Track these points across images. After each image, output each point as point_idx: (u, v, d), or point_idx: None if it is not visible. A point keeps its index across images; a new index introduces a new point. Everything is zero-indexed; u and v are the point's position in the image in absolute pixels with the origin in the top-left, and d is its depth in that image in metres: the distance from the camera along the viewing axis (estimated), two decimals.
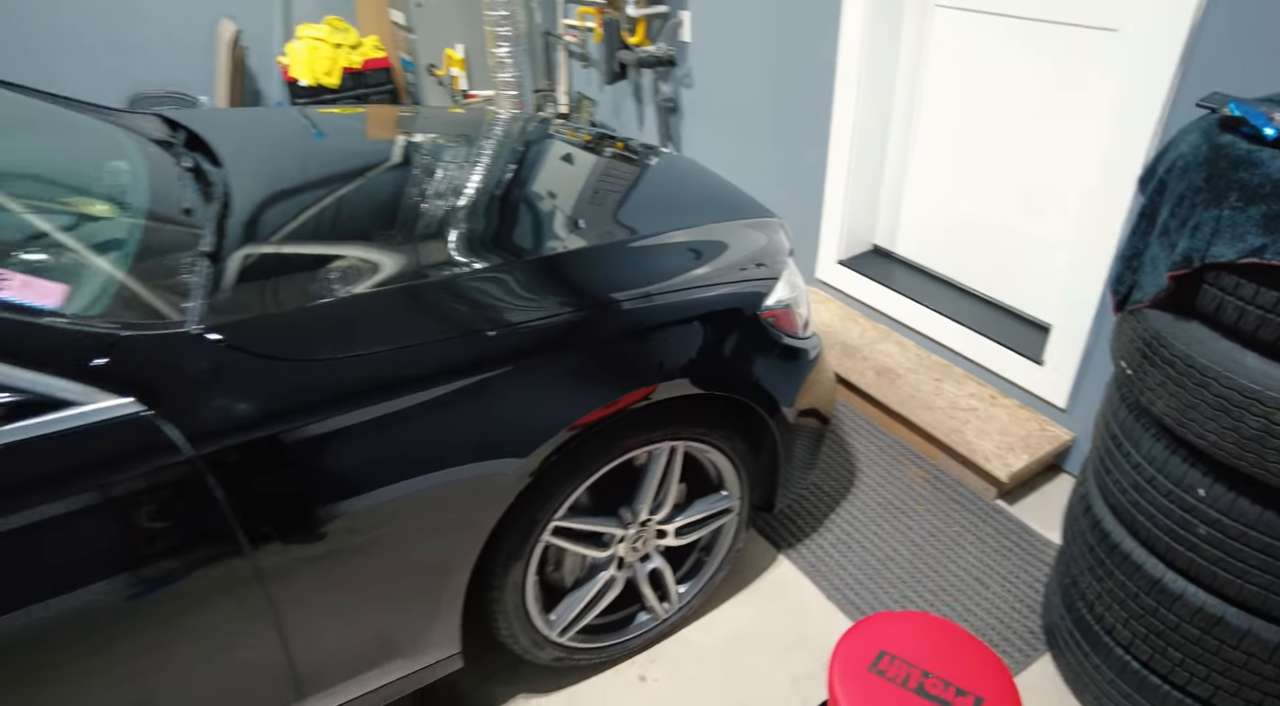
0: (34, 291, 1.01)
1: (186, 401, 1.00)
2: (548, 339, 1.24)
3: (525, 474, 1.24)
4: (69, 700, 1.01)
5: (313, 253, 1.29)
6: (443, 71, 3.92)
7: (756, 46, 2.70)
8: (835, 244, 2.63)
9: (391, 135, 1.87)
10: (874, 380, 2.30)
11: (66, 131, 1.61)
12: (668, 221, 1.56)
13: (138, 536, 0.98)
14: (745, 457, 1.57)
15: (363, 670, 1.27)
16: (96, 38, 3.70)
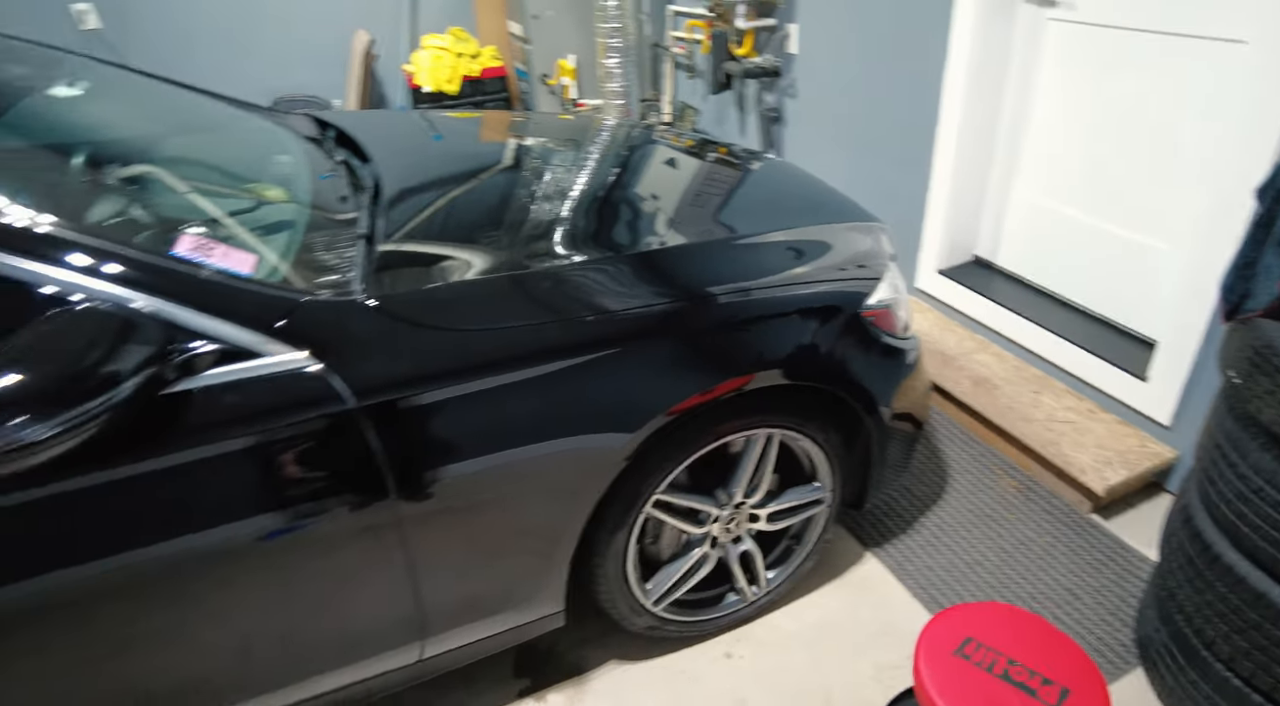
0: (233, 259, 1.19)
1: (351, 359, 1.15)
2: (653, 326, 1.34)
3: (630, 449, 1.34)
4: (234, 614, 1.17)
5: (449, 238, 1.44)
6: (554, 80, 4.12)
7: (863, 58, 2.75)
8: (936, 253, 2.64)
9: (511, 138, 2.03)
10: (970, 389, 2.31)
11: (239, 128, 1.83)
12: (768, 222, 1.64)
13: (304, 473, 1.13)
14: (839, 452, 1.63)
15: (479, 617, 1.40)
16: (243, 46, 4.07)
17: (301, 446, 1.12)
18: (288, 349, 1.12)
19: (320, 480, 1.14)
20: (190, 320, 1.06)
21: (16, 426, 0.89)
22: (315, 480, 1.14)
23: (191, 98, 1.89)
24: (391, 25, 4.30)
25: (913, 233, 2.73)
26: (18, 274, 0.99)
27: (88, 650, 1.09)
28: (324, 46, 4.21)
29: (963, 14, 2.28)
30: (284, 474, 1.12)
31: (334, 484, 1.15)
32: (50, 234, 1.01)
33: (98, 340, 0.96)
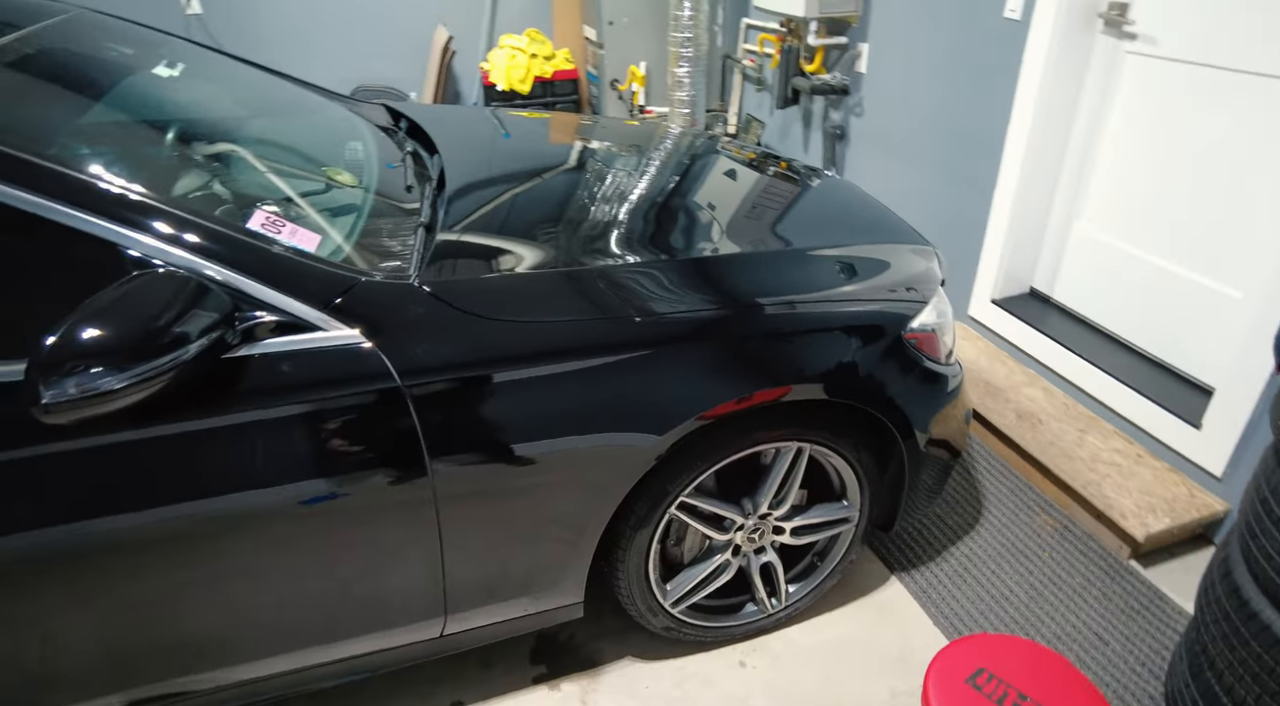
0: (300, 237, 1.26)
1: (400, 339, 1.20)
2: (694, 330, 1.37)
3: (661, 449, 1.37)
4: (271, 572, 1.23)
5: (505, 232, 1.49)
6: (625, 86, 4.18)
7: (932, 80, 2.73)
8: (991, 282, 2.60)
9: (575, 140, 2.08)
10: (1014, 423, 2.27)
11: (317, 113, 1.92)
12: (821, 238, 1.65)
13: (347, 444, 1.19)
14: (870, 472, 1.63)
15: (501, 599, 1.44)
16: (331, 34, 4.23)
17: (347, 418, 1.18)
18: (342, 325, 1.18)
19: (362, 452, 1.20)
20: (255, 291, 1.14)
21: (94, 375, 0.97)
22: (357, 451, 1.20)
23: (275, 82, 1.99)
24: (472, 23, 4.42)
25: (969, 259, 2.70)
26: (107, 235, 1.07)
27: (134, 592, 1.16)
28: (407, 40, 4.35)
29: (1036, 42, 2.26)
30: (328, 443, 1.18)
31: (375, 457, 1.21)
32: (137, 201, 1.10)
33: (172, 303, 1.04)
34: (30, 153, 1.06)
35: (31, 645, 1.15)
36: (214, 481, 1.14)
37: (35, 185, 1.04)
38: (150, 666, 1.25)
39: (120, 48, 1.60)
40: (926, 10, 2.70)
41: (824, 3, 2.98)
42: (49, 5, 1.73)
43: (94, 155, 1.15)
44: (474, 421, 1.25)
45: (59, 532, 1.08)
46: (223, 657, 1.30)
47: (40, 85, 1.29)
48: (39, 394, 0.93)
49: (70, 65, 1.40)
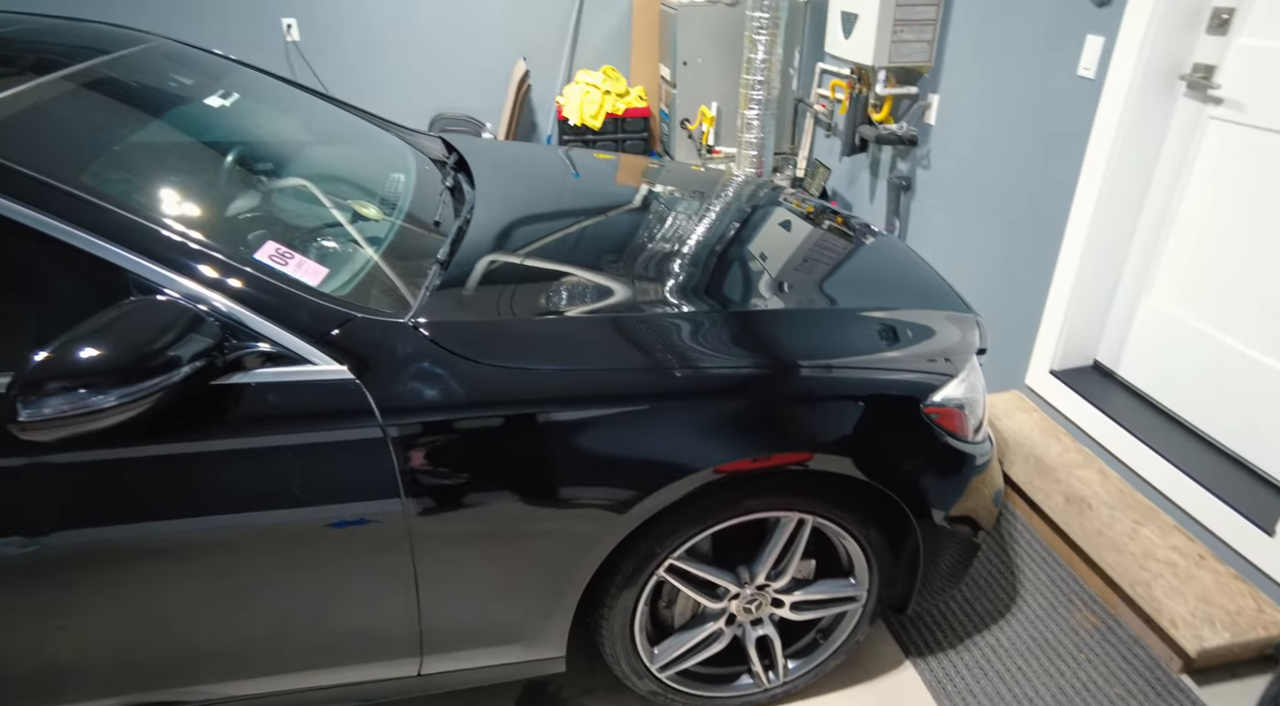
0: (305, 270, 1.28)
1: (386, 377, 1.20)
2: (719, 386, 1.32)
3: (652, 507, 1.32)
4: (245, 596, 1.24)
5: (523, 274, 1.48)
6: (694, 126, 4.19)
7: (1000, 137, 2.62)
8: (1050, 351, 2.45)
9: (628, 184, 2.07)
10: (1061, 506, 2.11)
11: (368, 143, 1.99)
12: (867, 299, 1.59)
13: (325, 477, 1.19)
14: (880, 550, 1.54)
15: (478, 645, 1.41)
16: (416, 63, 4.42)
17: (327, 452, 1.19)
18: (331, 360, 1.19)
19: (339, 486, 1.20)
20: (249, 320, 1.16)
21: (86, 393, 1.00)
22: (335, 486, 1.20)
23: (330, 112, 2.07)
24: (552, 58, 4.54)
25: (1028, 325, 2.55)
26: (109, 257, 1.11)
27: (101, 603, 1.19)
28: (489, 71, 4.50)
29: (1110, 102, 2.13)
30: (307, 475, 1.19)
31: (351, 492, 1.20)
32: (141, 226, 1.14)
33: (166, 328, 1.07)
34: (52, 175, 1.12)
35: (14, 645, 1.20)
36: (193, 504, 1.16)
37: (44, 205, 1.09)
38: (123, 676, 1.28)
39: (182, 78, 1.69)
40: (998, 64, 2.60)
41: (894, 52, 2.91)
42: (133, 35, 1.85)
43: (115, 181, 1.20)
44: (453, 465, 1.23)
45: (39, 541, 1.12)
46: (197, 674, 1.31)
47: (92, 112, 1.37)
48: (16, 410, 0.97)
49: (126, 94, 1.48)
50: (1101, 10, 2.16)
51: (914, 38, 2.91)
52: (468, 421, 1.23)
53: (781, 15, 3.57)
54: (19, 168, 1.10)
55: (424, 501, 1.23)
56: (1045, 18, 2.37)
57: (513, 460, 1.25)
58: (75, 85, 1.40)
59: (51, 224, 1.10)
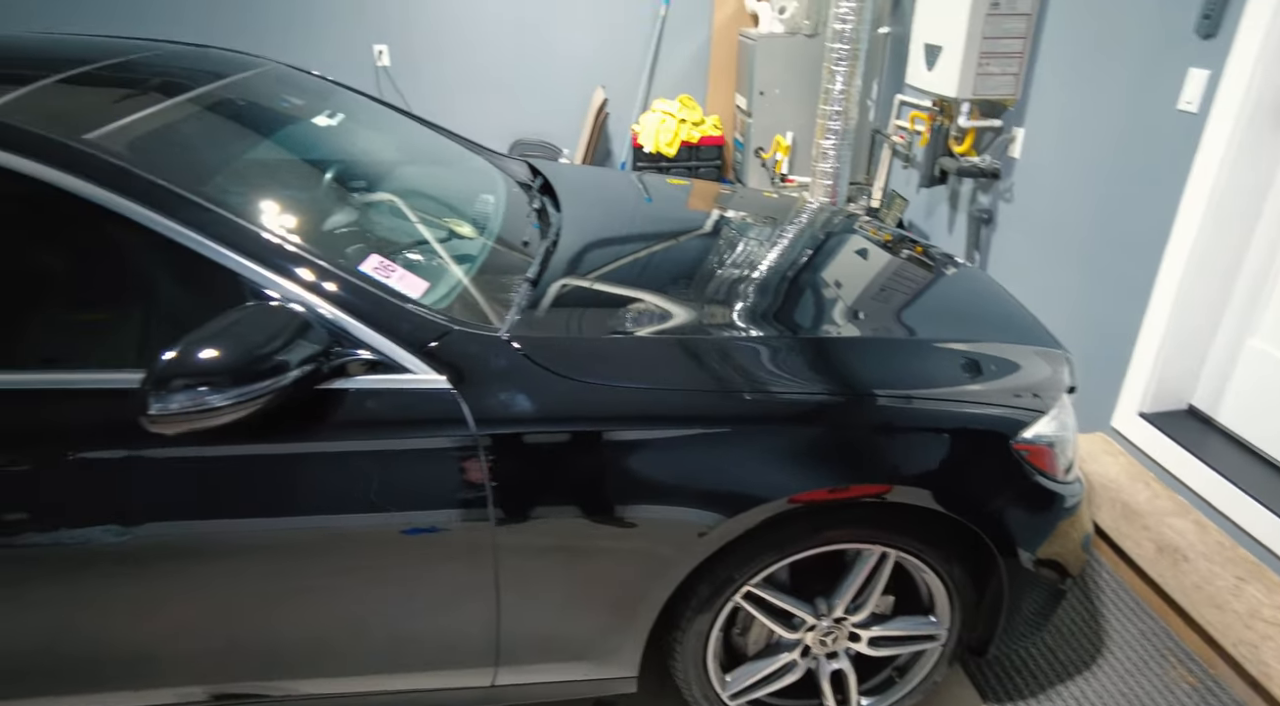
0: (406, 283, 1.33)
1: (481, 388, 1.24)
2: (797, 413, 1.31)
3: (732, 532, 1.31)
4: (332, 595, 1.28)
5: (609, 295, 1.51)
6: (768, 155, 4.20)
7: (1090, 172, 2.55)
8: (1140, 393, 2.35)
9: (703, 209, 2.09)
10: (1153, 556, 2.01)
11: (457, 165, 2.06)
12: (948, 330, 1.56)
13: (419, 484, 1.23)
14: (963, 589, 1.49)
15: (553, 659, 1.42)
16: (498, 89, 4.56)
17: (423, 459, 1.22)
18: (430, 370, 1.23)
19: (431, 492, 1.23)
20: (355, 329, 1.21)
21: (203, 392, 1.06)
22: (427, 491, 1.23)
23: (425, 134, 2.15)
24: (630, 87, 4.63)
25: (1116, 365, 2.45)
26: (230, 265, 1.18)
27: (206, 594, 1.25)
28: (567, 99, 4.61)
29: (1213, 138, 2.06)
30: (402, 479, 1.23)
31: (443, 498, 1.24)
32: (260, 236, 1.20)
33: (278, 333, 1.12)
34: (181, 186, 1.19)
35: (120, 629, 1.26)
36: (292, 502, 1.21)
37: (173, 212, 1.17)
38: (210, 665, 1.33)
39: (293, 98, 1.79)
40: (1091, 97, 2.54)
41: (979, 84, 2.87)
42: (245, 59, 1.97)
43: (234, 192, 1.27)
44: (542, 478, 1.25)
45: (147, 530, 1.18)
46: (281, 669, 1.35)
47: (217, 130, 1.46)
48: (147, 403, 1.03)
49: (245, 113, 1.58)
50: (1206, 42, 2.10)
51: (1000, 70, 2.87)
52: (556, 435, 1.25)
53: (861, 47, 3.57)
54: (154, 179, 1.18)
55: (510, 511, 1.25)
56: (1143, 51, 2.31)
57: (596, 476, 1.27)
58: (200, 107, 1.49)
59: (179, 230, 1.17)
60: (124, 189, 1.16)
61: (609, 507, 1.27)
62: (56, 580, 1.20)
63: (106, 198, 1.16)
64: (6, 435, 1.16)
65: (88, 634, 1.26)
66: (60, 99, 1.32)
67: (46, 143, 1.16)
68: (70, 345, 1.20)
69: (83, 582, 1.21)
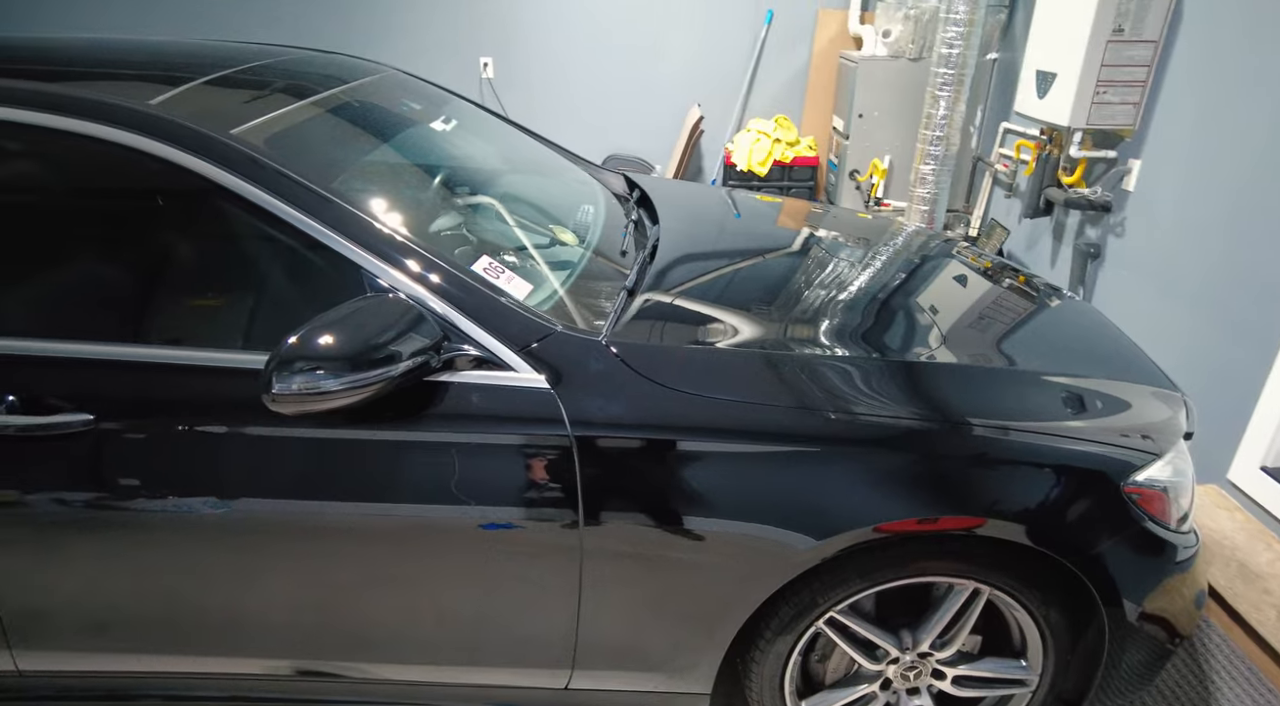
0: (514, 284, 1.37)
1: (579, 390, 1.26)
2: (888, 437, 1.28)
3: (819, 555, 1.29)
4: (427, 583, 1.31)
5: (704, 305, 1.51)
6: (864, 178, 4.14)
7: (1214, 209, 2.41)
8: (1264, 445, 2.19)
9: (797, 226, 2.08)
10: (1274, 621, 1.86)
11: (560, 175, 2.11)
12: (1052, 363, 1.50)
13: (513, 479, 1.25)
14: (1059, 634, 1.42)
15: (628, 668, 1.42)
16: (595, 104, 4.66)
17: (519, 455, 1.25)
18: (531, 369, 1.26)
19: (525, 489, 1.26)
20: (464, 325, 1.25)
21: (319, 375, 1.11)
22: (521, 487, 1.26)
23: (530, 143, 2.22)
24: (726, 106, 4.65)
25: (1236, 414, 2.30)
26: (353, 257, 1.24)
27: (298, 571, 1.30)
28: (662, 117, 4.67)
29: None
30: (498, 474, 1.26)
31: (535, 496, 1.26)
32: (382, 232, 1.26)
33: (392, 325, 1.17)
34: (315, 182, 1.26)
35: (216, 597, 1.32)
36: (395, 489, 1.25)
37: (304, 206, 1.23)
38: (298, 640, 1.38)
39: (412, 103, 1.87)
40: (1219, 131, 2.41)
41: (1094, 113, 2.76)
42: (369, 65, 2.08)
43: (361, 190, 1.34)
44: (631, 483, 1.26)
45: (257, 505, 1.24)
46: (363, 651, 1.40)
47: (343, 130, 1.54)
48: (270, 383, 1.09)
49: (369, 116, 1.66)
50: None
51: (1119, 99, 2.76)
52: (648, 441, 1.25)
53: (967, 73, 3.49)
54: (289, 173, 1.25)
55: (598, 513, 1.26)
56: (1279, 81, 2.18)
57: (683, 485, 1.26)
58: (328, 108, 1.58)
59: (307, 222, 1.24)
60: (259, 180, 1.24)
61: (694, 519, 1.27)
62: (160, 545, 1.28)
63: (243, 188, 1.23)
64: (140, 403, 1.24)
65: (185, 599, 1.33)
66: (208, 98, 1.41)
67: (198, 136, 1.24)
68: (199, 325, 1.28)
69: (183, 550, 1.28)
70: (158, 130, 1.23)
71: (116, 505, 1.25)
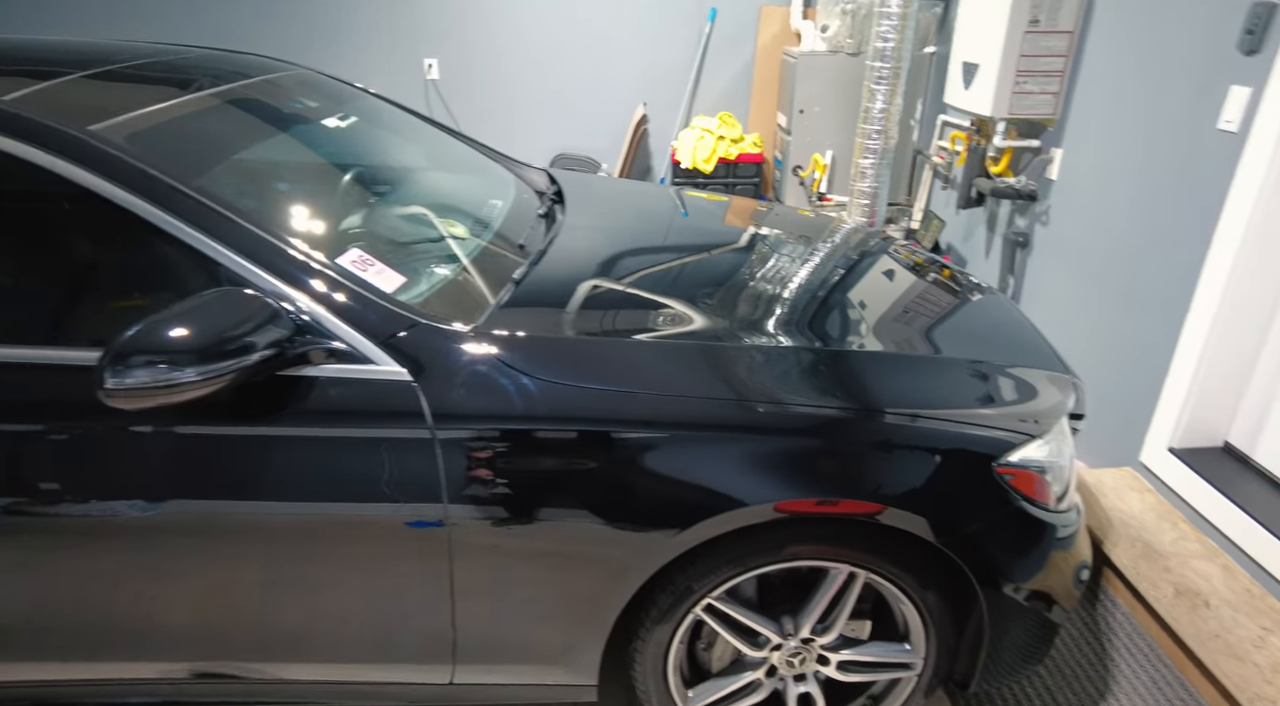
0: (383, 277, 1.36)
1: (441, 383, 1.25)
2: (776, 421, 1.28)
3: (685, 543, 1.28)
4: (290, 581, 1.30)
5: (590, 297, 1.50)
6: (806, 173, 4.16)
7: (1127, 195, 2.44)
8: (1170, 428, 2.22)
9: (718, 223, 2.07)
10: (1170, 599, 1.88)
11: (473, 171, 2.10)
12: (959, 353, 1.52)
13: (374, 474, 1.24)
14: (939, 616, 1.42)
15: (512, 662, 1.41)
16: (544, 105, 4.64)
17: (381, 450, 1.24)
18: (392, 362, 1.25)
19: (387, 484, 1.24)
20: (321, 317, 1.24)
21: (166, 368, 1.10)
22: (385, 483, 1.25)
23: (442, 139, 2.20)
24: (673, 103, 4.66)
25: (1145, 398, 2.32)
26: (209, 251, 1.22)
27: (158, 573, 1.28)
28: (611, 115, 4.67)
29: (1254, 158, 1.94)
30: (358, 469, 1.24)
31: (398, 491, 1.25)
32: (234, 223, 1.24)
33: (244, 316, 1.16)
34: (175, 178, 1.24)
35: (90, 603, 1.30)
36: (258, 488, 1.23)
37: (158, 199, 1.22)
38: (176, 643, 1.36)
39: (307, 101, 1.85)
40: (1130, 118, 2.44)
41: (1015, 103, 2.79)
42: (272, 64, 2.06)
43: (227, 185, 1.32)
44: (496, 475, 1.25)
45: (112, 507, 1.22)
46: (247, 652, 1.38)
47: (219, 127, 1.52)
48: (103, 378, 1.07)
49: (253, 113, 1.64)
50: (1249, 59, 1.99)
51: (1039, 89, 2.78)
52: (514, 433, 1.25)
53: (903, 66, 3.51)
54: (147, 168, 1.23)
55: (464, 508, 1.26)
56: (1185, 68, 2.21)
57: (554, 476, 1.26)
58: (209, 105, 1.56)
59: (162, 216, 1.22)
60: (114, 176, 1.22)
61: (560, 509, 1.26)
62: (23, 551, 1.25)
63: (97, 184, 1.21)
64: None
65: (57, 607, 1.30)
66: (78, 94, 1.39)
67: (48, 131, 1.22)
68: (43, 322, 1.25)
69: (50, 557, 1.26)
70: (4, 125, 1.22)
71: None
